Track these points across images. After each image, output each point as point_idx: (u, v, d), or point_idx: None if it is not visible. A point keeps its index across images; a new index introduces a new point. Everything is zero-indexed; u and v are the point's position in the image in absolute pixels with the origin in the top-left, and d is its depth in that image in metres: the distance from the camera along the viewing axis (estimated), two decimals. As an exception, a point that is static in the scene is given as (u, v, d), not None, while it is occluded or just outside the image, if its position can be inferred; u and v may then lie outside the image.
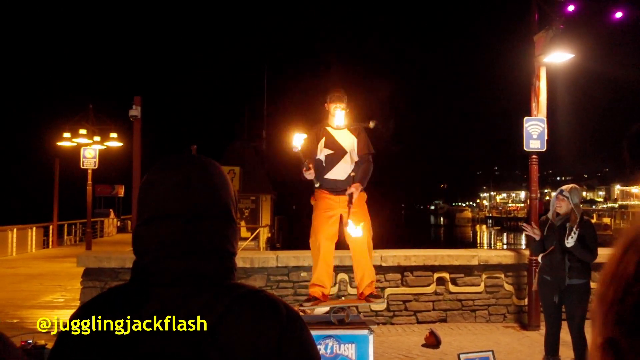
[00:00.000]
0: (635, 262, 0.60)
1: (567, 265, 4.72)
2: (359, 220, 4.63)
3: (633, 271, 0.60)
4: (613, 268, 0.63)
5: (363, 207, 4.72)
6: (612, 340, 0.60)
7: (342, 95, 4.76)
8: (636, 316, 0.58)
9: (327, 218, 4.63)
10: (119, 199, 36.27)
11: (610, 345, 0.60)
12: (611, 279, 0.62)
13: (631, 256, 0.61)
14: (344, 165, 4.69)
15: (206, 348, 0.91)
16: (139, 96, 10.08)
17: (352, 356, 4.19)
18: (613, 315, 0.60)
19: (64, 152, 18.55)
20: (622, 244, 0.64)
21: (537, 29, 7.24)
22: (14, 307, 8.29)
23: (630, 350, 0.58)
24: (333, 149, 4.70)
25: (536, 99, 7.27)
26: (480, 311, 7.40)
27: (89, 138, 16.63)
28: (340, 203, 4.66)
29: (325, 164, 4.69)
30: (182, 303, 0.96)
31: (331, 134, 4.75)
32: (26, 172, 70.74)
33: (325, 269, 4.65)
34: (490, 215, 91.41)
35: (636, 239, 0.62)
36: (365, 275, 4.65)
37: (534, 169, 7.32)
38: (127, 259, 6.91)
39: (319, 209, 4.68)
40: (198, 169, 1.07)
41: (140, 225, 1.05)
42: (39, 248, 18.71)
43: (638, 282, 0.59)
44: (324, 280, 4.65)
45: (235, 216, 1.10)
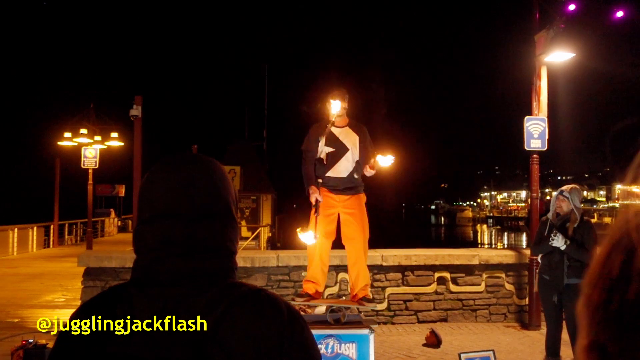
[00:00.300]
0: (619, 262, 0.59)
1: (566, 265, 4.72)
2: (357, 221, 4.64)
3: (617, 272, 0.58)
4: (598, 269, 0.61)
5: (362, 208, 4.72)
6: (597, 343, 0.59)
7: (343, 93, 4.77)
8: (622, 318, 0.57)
9: (326, 216, 4.63)
10: (120, 198, 36.29)
11: (595, 348, 0.59)
12: (596, 281, 0.61)
13: (615, 257, 0.60)
14: (346, 163, 4.69)
15: (207, 347, 0.91)
16: (140, 96, 10.09)
17: (353, 356, 4.19)
18: (599, 318, 0.59)
19: (64, 151, 18.55)
20: (607, 245, 0.62)
21: (538, 28, 7.24)
22: (15, 307, 8.29)
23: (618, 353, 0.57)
24: (334, 147, 4.69)
25: (537, 98, 7.27)
26: (481, 311, 7.40)
27: (89, 138, 16.62)
28: (340, 202, 4.67)
29: (327, 162, 4.68)
30: (183, 302, 0.96)
31: (333, 132, 4.75)
32: (27, 172, 70.82)
33: (320, 266, 4.66)
34: (491, 215, 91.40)
35: (621, 240, 0.60)
36: (360, 277, 4.66)
37: (535, 169, 7.32)
38: (127, 259, 6.91)
39: (319, 206, 4.68)
40: (199, 168, 1.06)
41: (141, 224, 1.04)
42: (40, 248, 18.72)
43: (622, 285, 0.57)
44: (318, 277, 4.66)
45: (236, 215, 1.10)
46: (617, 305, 0.57)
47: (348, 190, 4.70)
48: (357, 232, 4.66)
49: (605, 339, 0.58)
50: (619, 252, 0.60)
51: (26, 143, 79.43)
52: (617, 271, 0.59)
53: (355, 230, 4.66)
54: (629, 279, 0.57)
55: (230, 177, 1.21)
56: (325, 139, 4.69)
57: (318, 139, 4.70)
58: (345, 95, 4.77)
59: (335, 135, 4.74)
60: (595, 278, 0.61)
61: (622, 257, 0.59)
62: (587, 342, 0.60)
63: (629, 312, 0.56)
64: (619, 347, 0.57)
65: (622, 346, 0.57)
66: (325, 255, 4.71)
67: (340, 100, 4.72)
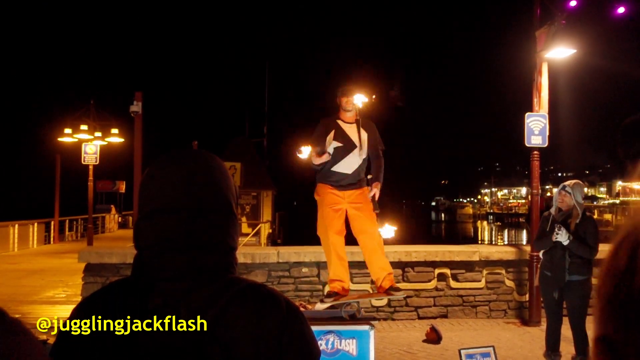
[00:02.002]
0: (626, 257, 0.61)
1: (568, 261, 4.72)
2: (365, 214, 4.62)
3: (624, 266, 0.60)
4: (608, 264, 0.63)
5: (368, 201, 4.70)
6: (605, 335, 0.61)
7: (354, 89, 4.72)
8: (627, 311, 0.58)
9: (334, 212, 4.61)
10: (120, 194, 36.31)
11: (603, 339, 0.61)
12: (605, 275, 0.63)
13: (623, 251, 0.62)
14: (352, 159, 4.66)
15: (208, 341, 0.91)
16: (140, 92, 10.08)
17: (353, 351, 4.20)
18: (608, 310, 0.61)
19: (65, 147, 18.56)
20: (617, 240, 0.64)
21: (539, 24, 7.21)
22: (15, 303, 8.31)
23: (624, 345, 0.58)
24: (342, 142, 4.66)
25: (538, 95, 7.25)
26: (481, 307, 7.41)
27: (90, 134, 16.62)
28: (345, 198, 4.65)
29: (334, 157, 4.65)
30: (183, 297, 0.96)
31: (342, 127, 4.72)
32: (27, 168, 70.83)
33: (341, 262, 4.62)
34: (492, 212, 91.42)
35: (629, 235, 0.62)
36: (382, 267, 4.61)
37: (536, 165, 7.31)
38: (128, 255, 6.91)
39: (325, 204, 4.65)
40: (200, 163, 1.06)
41: (142, 219, 1.04)
42: (41, 244, 18.74)
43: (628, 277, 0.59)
44: (342, 274, 4.62)
45: (236, 211, 1.10)
46: (623, 296, 0.59)
47: (352, 185, 4.67)
48: (368, 224, 4.63)
49: (612, 330, 0.60)
50: (626, 246, 0.62)
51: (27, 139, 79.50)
52: (624, 264, 0.61)
53: (366, 222, 4.63)
54: (635, 271, 0.59)
55: (231, 174, 1.20)
56: (334, 134, 4.66)
57: (327, 133, 4.65)
58: (356, 91, 4.72)
59: (344, 131, 4.71)
60: (605, 273, 0.63)
61: (629, 251, 0.61)
62: (597, 335, 0.62)
63: (634, 302, 0.58)
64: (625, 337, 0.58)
65: (628, 335, 0.58)
66: (342, 251, 4.66)
67: (353, 102, 4.69)
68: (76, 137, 16.79)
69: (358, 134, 4.69)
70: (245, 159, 22.13)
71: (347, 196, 4.64)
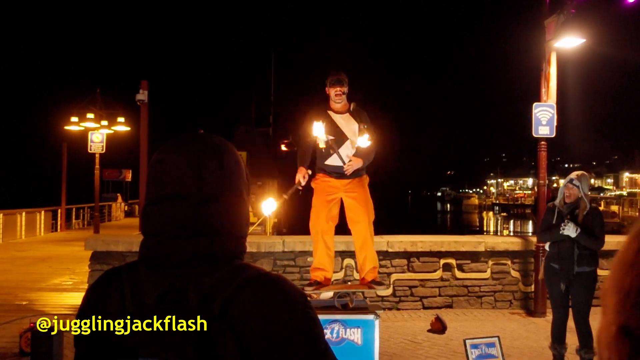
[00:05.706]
0: None
1: (576, 253, 4.69)
2: (361, 204, 4.60)
3: None
4: (632, 257, 0.62)
5: (365, 190, 4.68)
6: (627, 328, 0.60)
7: (342, 78, 4.63)
8: None
9: (328, 202, 4.60)
10: (127, 183, 36.45)
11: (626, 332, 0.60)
12: (630, 267, 0.62)
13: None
14: (346, 150, 4.60)
15: (217, 326, 0.91)
16: (146, 80, 10.08)
17: (358, 341, 4.21)
18: (631, 302, 0.60)
19: (71, 136, 18.61)
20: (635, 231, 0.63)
21: (548, 13, 7.14)
22: (23, 290, 8.38)
23: None
24: (334, 135, 4.60)
25: (546, 85, 7.19)
26: (487, 297, 7.41)
27: (96, 122, 16.66)
28: (341, 187, 4.62)
29: (326, 150, 4.61)
30: (191, 282, 0.95)
31: (332, 119, 4.65)
32: (34, 157, 71.18)
33: (326, 251, 4.61)
34: (498, 202, 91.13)
35: None
36: (367, 260, 4.61)
37: (543, 156, 7.26)
38: (134, 243, 6.95)
39: (320, 193, 4.65)
40: (210, 148, 1.04)
41: (149, 204, 1.03)
42: (48, 231, 18.86)
43: None
44: (325, 263, 4.61)
45: (247, 197, 1.08)
46: None
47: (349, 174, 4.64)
48: (362, 214, 4.61)
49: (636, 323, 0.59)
50: None
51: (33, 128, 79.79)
52: None
53: (360, 213, 4.61)
54: None
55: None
56: (325, 126, 4.57)
57: (316, 124, 4.55)
58: (345, 80, 4.64)
59: (336, 123, 4.65)
60: (629, 265, 0.62)
61: None
62: (617, 327, 0.61)
63: None
64: None
65: None
66: (330, 240, 4.65)
67: (344, 93, 4.63)
68: (83, 126, 16.84)
69: (349, 124, 4.64)
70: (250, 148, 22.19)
71: (343, 185, 4.61)
